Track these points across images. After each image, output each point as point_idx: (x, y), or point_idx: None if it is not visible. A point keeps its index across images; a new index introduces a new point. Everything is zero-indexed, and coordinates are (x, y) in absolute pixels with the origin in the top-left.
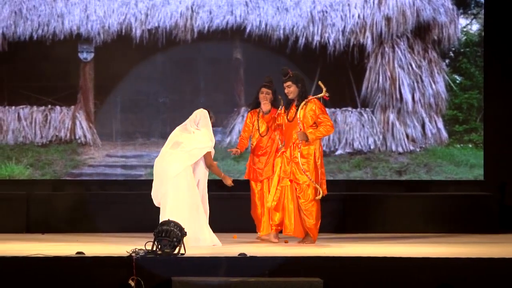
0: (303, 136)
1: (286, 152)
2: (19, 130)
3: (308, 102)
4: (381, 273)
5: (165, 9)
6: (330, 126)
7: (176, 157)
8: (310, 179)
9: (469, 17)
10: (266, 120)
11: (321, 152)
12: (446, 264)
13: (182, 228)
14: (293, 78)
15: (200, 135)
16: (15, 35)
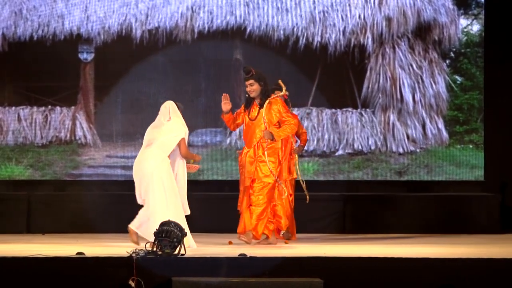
0: (269, 135)
1: (249, 151)
2: (19, 131)
3: (272, 101)
4: (381, 274)
5: (166, 10)
6: (294, 125)
7: (150, 153)
8: (276, 178)
9: (469, 17)
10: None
11: (284, 152)
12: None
13: (183, 229)
14: (256, 76)
15: (171, 125)
16: (15, 36)
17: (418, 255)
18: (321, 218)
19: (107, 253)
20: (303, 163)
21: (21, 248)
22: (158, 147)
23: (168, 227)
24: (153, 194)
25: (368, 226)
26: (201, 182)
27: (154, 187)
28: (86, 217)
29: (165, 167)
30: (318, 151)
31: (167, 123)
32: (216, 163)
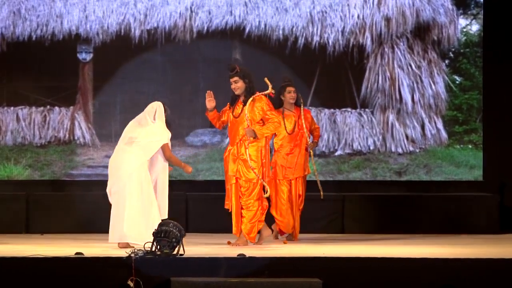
0: (251, 133)
1: (232, 149)
2: (18, 131)
3: (256, 99)
4: (380, 274)
5: (164, 10)
6: (278, 123)
7: (131, 153)
8: (257, 176)
9: (469, 17)
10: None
11: (267, 151)
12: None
13: (181, 229)
14: (241, 73)
15: (155, 127)
16: (13, 36)
17: (417, 255)
18: (320, 218)
19: (106, 253)
20: None
21: (20, 248)
22: (140, 149)
23: (167, 227)
24: (130, 197)
25: (367, 226)
26: (199, 182)
27: (132, 190)
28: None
29: (144, 171)
30: (317, 151)
31: (152, 124)
32: (215, 163)
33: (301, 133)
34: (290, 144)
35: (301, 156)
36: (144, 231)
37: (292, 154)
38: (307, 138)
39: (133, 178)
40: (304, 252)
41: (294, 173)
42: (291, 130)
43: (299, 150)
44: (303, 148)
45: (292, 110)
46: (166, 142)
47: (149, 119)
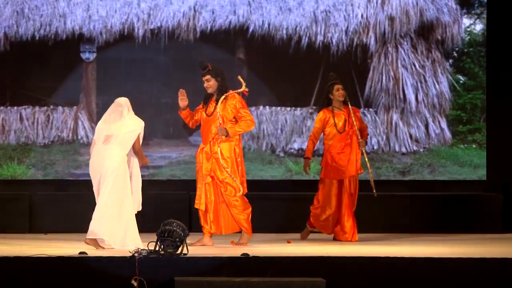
0: (223, 131)
1: (205, 147)
2: (21, 131)
3: (228, 97)
4: (383, 273)
5: (168, 9)
6: (251, 121)
7: (111, 151)
8: (230, 176)
9: (472, 17)
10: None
11: (241, 149)
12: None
13: (185, 228)
14: (213, 71)
15: (128, 120)
16: (17, 35)
17: (421, 254)
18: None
19: (109, 252)
20: None
21: (23, 247)
22: (118, 145)
23: (170, 227)
24: (106, 192)
25: (370, 225)
26: None
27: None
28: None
29: (123, 167)
30: (321, 151)
31: (125, 117)
32: None
33: (352, 132)
34: (341, 143)
35: (353, 155)
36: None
37: (344, 153)
38: (358, 136)
39: (115, 175)
40: (308, 252)
41: (346, 173)
42: (341, 128)
43: (351, 149)
44: (355, 147)
45: (341, 108)
46: (139, 132)
47: (120, 114)
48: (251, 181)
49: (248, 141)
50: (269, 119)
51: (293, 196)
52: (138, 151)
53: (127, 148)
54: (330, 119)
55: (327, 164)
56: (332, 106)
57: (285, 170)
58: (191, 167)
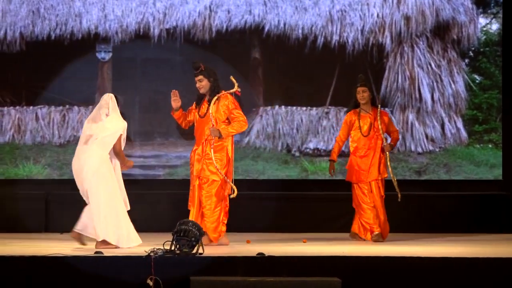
0: (216, 132)
1: (198, 149)
2: (37, 130)
3: (221, 97)
4: (399, 273)
5: (183, 9)
6: (244, 122)
7: (90, 152)
8: (223, 176)
9: (488, 16)
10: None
11: (232, 150)
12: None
13: (201, 228)
14: (205, 72)
15: (109, 120)
16: (32, 35)
17: (437, 254)
18: (338, 217)
19: (125, 252)
20: (321, 162)
21: (39, 247)
22: (98, 146)
23: (186, 227)
24: (97, 194)
25: None
26: None
27: (99, 187)
28: None
29: (106, 167)
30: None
31: (106, 119)
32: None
33: (377, 135)
34: (365, 146)
35: (376, 159)
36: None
37: (367, 157)
38: (383, 140)
39: (97, 177)
40: (323, 251)
41: (368, 177)
42: (366, 131)
43: (374, 153)
44: (378, 151)
45: (368, 111)
46: (121, 133)
47: (103, 114)
48: (267, 181)
49: (263, 141)
50: (285, 119)
51: (308, 196)
52: (118, 153)
53: (106, 150)
54: (356, 122)
55: (351, 167)
56: (359, 109)
57: (301, 170)
58: None
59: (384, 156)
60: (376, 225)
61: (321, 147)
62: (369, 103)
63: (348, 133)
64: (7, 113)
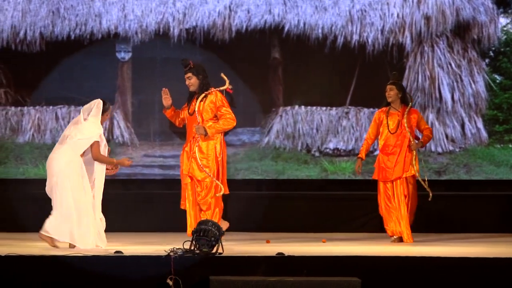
0: (201, 130)
1: (187, 147)
2: (57, 130)
3: (209, 94)
4: (419, 273)
5: (203, 8)
6: (231, 119)
7: (61, 151)
8: (209, 175)
9: (509, 16)
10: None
11: (223, 148)
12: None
13: (220, 228)
14: (194, 69)
15: (87, 125)
16: (52, 35)
17: (457, 254)
18: (358, 217)
19: (145, 251)
20: (341, 162)
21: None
22: (69, 147)
23: (205, 226)
24: (60, 194)
25: None
26: (239, 181)
27: (63, 186)
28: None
29: (73, 167)
30: (357, 151)
31: (84, 122)
32: (254, 162)
33: (404, 133)
34: (392, 144)
35: (402, 157)
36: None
37: (393, 154)
38: (410, 138)
39: (62, 176)
40: (343, 251)
41: (393, 174)
42: (393, 129)
43: (400, 151)
44: (405, 148)
45: (398, 109)
46: (96, 140)
47: (82, 117)
48: (287, 181)
49: (283, 141)
50: (305, 119)
51: (328, 196)
52: (97, 158)
53: (77, 152)
54: (384, 119)
55: (378, 165)
56: (390, 106)
57: (321, 169)
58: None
59: (411, 154)
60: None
61: (341, 147)
62: (398, 101)
63: (377, 130)
64: (27, 113)
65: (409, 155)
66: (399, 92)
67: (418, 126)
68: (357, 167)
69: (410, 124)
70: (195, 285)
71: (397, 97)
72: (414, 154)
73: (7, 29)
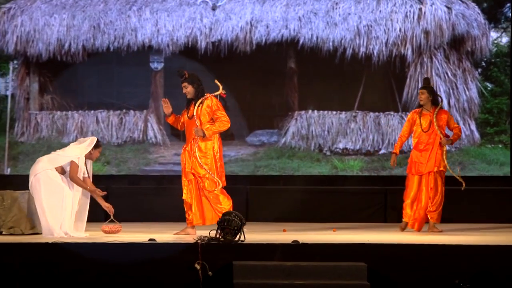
0: (200, 132)
1: (187, 147)
2: (98, 132)
3: (205, 100)
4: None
5: (227, 24)
6: (226, 122)
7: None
8: (208, 172)
9: (499, 30)
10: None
11: (220, 146)
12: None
13: (242, 218)
14: (189, 79)
15: (72, 147)
16: (93, 47)
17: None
18: (365, 209)
19: (176, 239)
20: (349, 160)
21: (99, 234)
22: (49, 159)
23: (229, 217)
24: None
25: None
26: (259, 176)
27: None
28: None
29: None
30: (363, 150)
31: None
32: (272, 160)
33: (435, 132)
34: (424, 141)
35: (433, 153)
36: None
37: (426, 150)
38: (441, 136)
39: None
40: (351, 239)
41: (426, 168)
42: (426, 128)
43: (432, 147)
44: (436, 145)
45: (429, 110)
46: (72, 160)
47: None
48: (301, 177)
49: (298, 141)
50: (317, 122)
51: (338, 190)
52: (72, 178)
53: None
54: (417, 119)
55: (411, 160)
56: (422, 108)
57: (331, 167)
58: (247, 164)
59: (441, 150)
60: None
61: (349, 147)
62: (429, 103)
63: (409, 129)
64: (71, 117)
65: (439, 152)
66: (429, 95)
67: (448, 125)
68: (392, 162)
69: (440, 124)
70: (219, 269)
71: (428, 100)
72: (444, 150)
73: (54, 42)
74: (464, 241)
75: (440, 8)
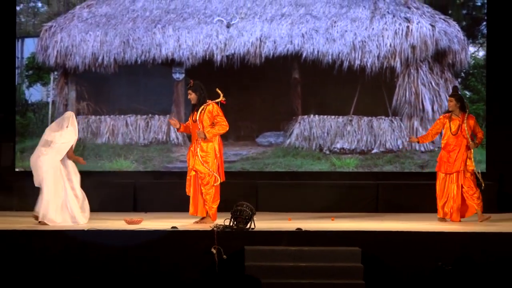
0: (201, 134)
1: (192, 147)
2: (127, 134)
3: (207, 106)
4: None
5: (240, 40)
6: (225, 125)
7: (48, 155)
8: (208, 169)
9: (476, 45)
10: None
11: (220, 147)
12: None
13: (253, 208)
14: (193, 87)
15: (67, 132)
16: (123, 60)
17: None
18: (359, 200)
19: (195, 227)
20: (346, 159)
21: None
22: (54, 151)
23: (241, 207)
24: (46, 188)
25: (396, 207)
26: (267, 173)
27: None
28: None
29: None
30: (358, 150)
31: (65, 129)
32: (279, 159)
33: (463, 135)
34: (453, 143)
35: (461, 154)
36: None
37: (454, 151)
38: (468, 139)
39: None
40: (347, 227)
41: (454, 168)
42: (454, 131)
43: (459, 149)
44: (463, 147)
45: (458, 115)
46: (72, 143)
47: (64, 126)
48: (304, 173)
49: (301, 142)
50: (318, 125)
51: (336, 184)
52: (70, 157)
53: (60, 156)
54: (447, 123)
55: (441, 159)
56: (451, 113)
57: (330, 164)
58: (257, 161)
59: (467, 152)
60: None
61: (346, 147)
62: (458, 109)
63: (436, 129)
64: (103, 121)
65: (465, 153)
66: (457, 102)
67: (474, 130)
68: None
69: (467, 128)
70: (233, 253)
71: (456, 107)
72: (470, 152)
73: (89, 56)
74: (446, 229)
75: (425, 26)
